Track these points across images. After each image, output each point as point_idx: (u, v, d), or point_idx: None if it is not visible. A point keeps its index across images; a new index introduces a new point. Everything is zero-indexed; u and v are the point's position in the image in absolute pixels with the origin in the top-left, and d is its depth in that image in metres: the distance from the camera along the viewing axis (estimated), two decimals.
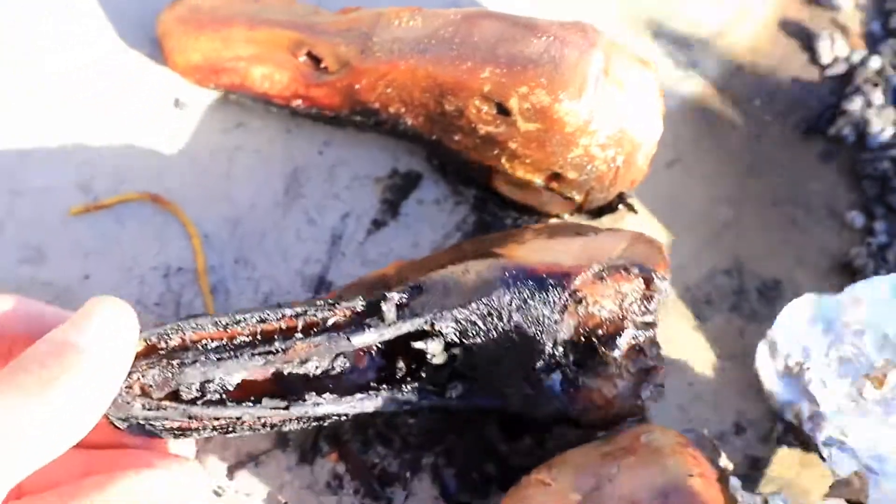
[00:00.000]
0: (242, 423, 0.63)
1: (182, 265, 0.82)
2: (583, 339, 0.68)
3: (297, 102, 0.84)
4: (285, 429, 0.65)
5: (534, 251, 0.70)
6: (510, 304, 0.66)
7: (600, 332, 0.68)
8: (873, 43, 0.97)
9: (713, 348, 0.85)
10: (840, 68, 0.96)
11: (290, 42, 0.83)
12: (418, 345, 0.65)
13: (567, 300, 0.66)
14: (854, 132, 0.92)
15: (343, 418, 0.66)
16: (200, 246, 0.83)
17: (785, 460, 0.81)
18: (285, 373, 0.64)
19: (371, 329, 0.64)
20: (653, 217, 0.88)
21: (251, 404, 0.63)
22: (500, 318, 0.66)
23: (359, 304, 0.65)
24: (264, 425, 0.64)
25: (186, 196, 0.85)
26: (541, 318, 0.66)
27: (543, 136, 0.76)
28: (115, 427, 0.60)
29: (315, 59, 0.83)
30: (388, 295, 0.65)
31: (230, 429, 0.63)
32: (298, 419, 0.64)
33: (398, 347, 0.67)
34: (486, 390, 0.67)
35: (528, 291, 0.66)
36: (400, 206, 0.87)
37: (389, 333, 0.64)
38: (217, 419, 0.62)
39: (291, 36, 0.83)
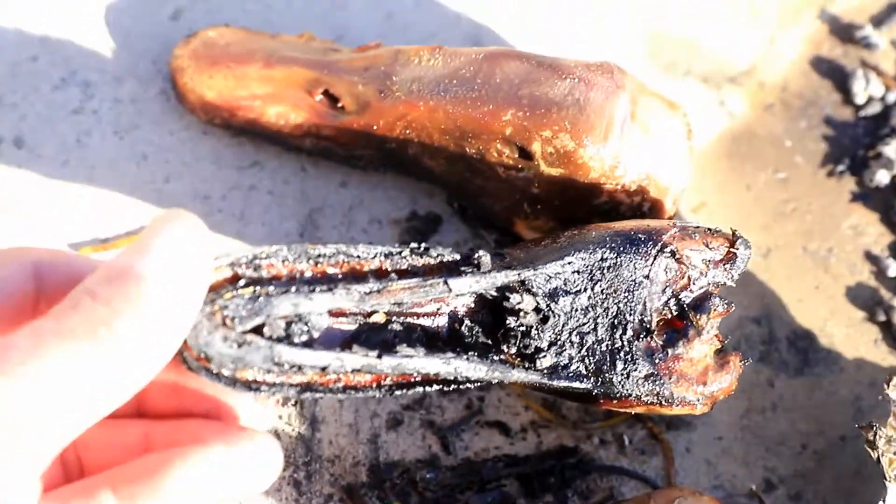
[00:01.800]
0: (324, 382, 0.57)
1: None
2: (672, 304, 0.66)
3: (314, 142, 0.82)
4: (368, 395, 0.59)
5: (619, 224, 0.69)
6: (602, 261, 0.65)
7: (689, 295, 0.67)
8: None
9: (742, 400, 0.82)
10: (875, 108, 0.93)
11: (306, 81, 0.80)
12: (513, 298, 0.62)
13: (658, 252, 0.65)
14: (889, 175, 0.89)
15: (429, 388, 0.61)
16: None
17: None
18: (363, 337, 0.60)
19: (468, 275, 0.61)
20: None
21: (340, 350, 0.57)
22: (592, 277, 0.64)
23: (449, 254, 0.62)
24: (345, 389, 0.58)
25: None
26: (633, 276, 0.65)
27: (567, 181, 0.73)
28: (188, 369, 0.53)
29: (332, 98, 0.80)
30: (479, 251, 0.63)
31: (311, 388, 0.57)
32: (380, 386, 0.59)
33: (476, 324, 0.64)
34: (575, 365, 0.64)
35: (620, 246, 0.65)
36: None
37: (485, 282, 0.61)
38: (300, 370, 0.56)
39: (308, 74, 0.80)
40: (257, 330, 0.55)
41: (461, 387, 0.62)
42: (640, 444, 0.80)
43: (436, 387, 0.61)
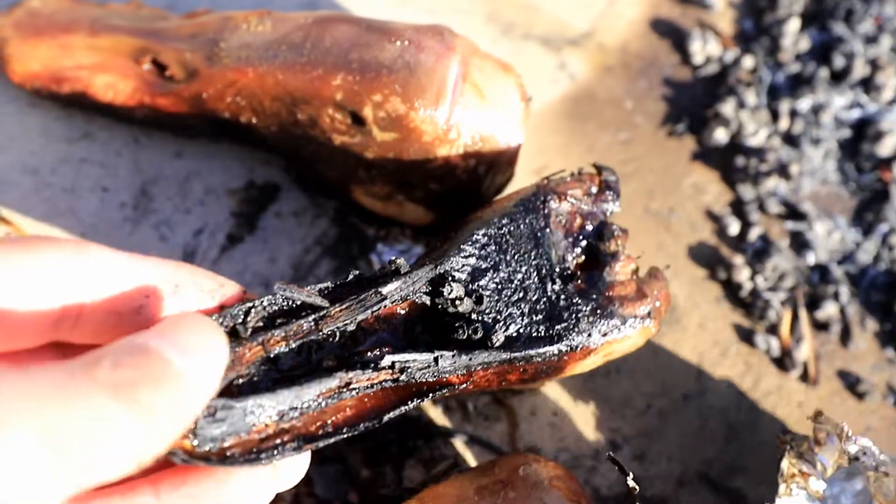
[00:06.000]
0: (315, 428, 0.55)
1: None
2: (578, 241, 0.67)
3: (144, 112, 0.80)
4: (360, 430, 0.57)
5: (501, 199, 0.70)
6: (501, 229, 0.65)
7: (588, 228, 0.68)
8: (746, 41, 0.95)
9: None
10: (713, 68, 0.93)
11: (133, 49, 0.78)
12: (445, 290, 0.61)
13: (543, 201, 0.66)
14: (727, 134, 0.89)
15: (410, 405, 0.59)
16: None
17: (662, 477, 0.78)
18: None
19: (395, 279, 0.60)
20: None
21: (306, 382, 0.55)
22: (501, 248, 0.64)
23: (367, 273, 0.61)
24: (336, 430, 0.56)
25: (27, 212, 0.80)
26: (533, 230, 0.66)
27: (400, 146, 0.72)
28: (182, 462, 0.50)
29: (160, 67, 0.78)
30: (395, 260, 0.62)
31: (308, 437, 0.54)
32: (366, 417, 0.57)
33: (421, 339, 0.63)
34: (526, 331, 0.64)
35: (512, 211, 0.66)
36: (257, 219, 0.82)
37: (411, 281, 0.60)
38: (293, 411, 0.54)
39: (134, 43, 0.78)
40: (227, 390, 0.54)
41: (435, 395, 0.61)
42: (485, 409, 0.79)
43: (414, 402, 0.59)
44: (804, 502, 0.69)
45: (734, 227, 0.87)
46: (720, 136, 0.89)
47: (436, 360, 0.60)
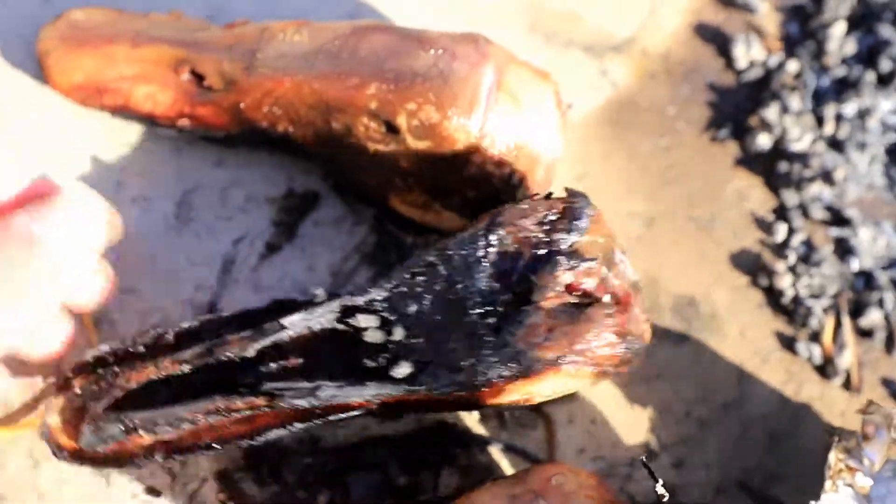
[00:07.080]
0: (197, 439, 0.60)
1: None
2: (512, 275, 0.64)
3: (184, 122, 0.80)
4: (241, 444, 0.62)
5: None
6: (435, 258, 0.64)
7: (529, 259, 0.64)
8: (790, 45, 0.94)
9: None
10: (756, 73, 0.92)
11: (172, 60, 0.79)
12: (352, 321, 0.62)
13: (485, 230, 0.65)
14: (771, 140, 0.89)
15: (285, 429, 0.62)
16: None
17: (701, 485, 0.78)
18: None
19: (301, 311, 0.62)
20: None
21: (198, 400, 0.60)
22: (428, 275, 0.64)
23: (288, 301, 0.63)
24: (214, 444, 0.61)
25: None
26: (467, 262, 0.64)
27: (434, 154, 0.72)
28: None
29: (199, 77, 0.79)
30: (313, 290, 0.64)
31: (181, 449, 0.60)
32: (252, 431, 0.61)
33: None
34: (437, 366, 0.63)
35: (451, 243, 0.65)
36: (296, 227, 0.83)
37: (318, 314, 0.62)
38: (171, 426, 0.58)
39: (174, 53, 0.79)
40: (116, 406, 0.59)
41: (340, 417, 0.63)
42: (521, 417, 0.79)
43: (302, 425, 0.62)
44: (849, 500, 0.68)
45: (777, 234, 0.86)
46: (763, 141, 0.89)
47: (313, 390, 0.61)
